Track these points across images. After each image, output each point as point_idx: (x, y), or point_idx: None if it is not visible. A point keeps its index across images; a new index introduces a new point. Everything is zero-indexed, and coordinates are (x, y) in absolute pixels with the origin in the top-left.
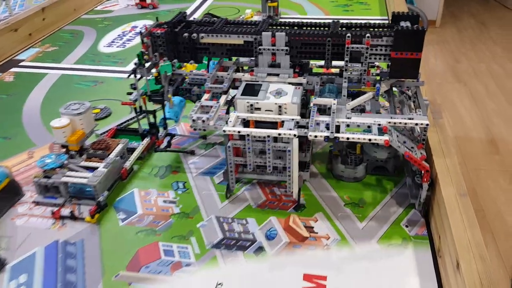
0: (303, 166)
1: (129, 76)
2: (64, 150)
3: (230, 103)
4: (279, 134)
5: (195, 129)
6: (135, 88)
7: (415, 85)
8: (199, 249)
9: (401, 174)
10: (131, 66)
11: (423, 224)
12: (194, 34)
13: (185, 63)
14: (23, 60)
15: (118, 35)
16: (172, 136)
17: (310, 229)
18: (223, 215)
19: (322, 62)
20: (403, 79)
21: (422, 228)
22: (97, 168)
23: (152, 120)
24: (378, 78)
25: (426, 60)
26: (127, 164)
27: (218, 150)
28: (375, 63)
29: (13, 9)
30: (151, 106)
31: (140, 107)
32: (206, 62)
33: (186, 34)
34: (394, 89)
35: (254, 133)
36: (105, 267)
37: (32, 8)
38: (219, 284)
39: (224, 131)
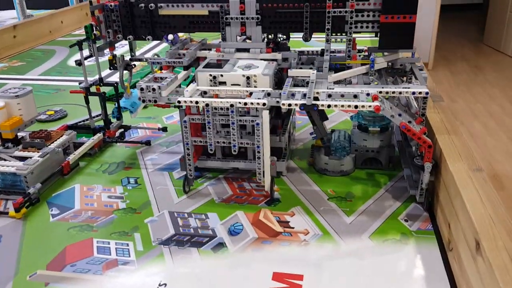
0: (278, 153)
1: (71, 46)
2: None
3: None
4: (245, 104)
5: (144, 101)
6: (79, 64)
7: (410, 62)
8: (143, 246)
9: (397, 168)
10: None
11: (426, 218)
12: (152, 4)
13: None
14: None
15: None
16: (126, 128)
17: (285, 224)
18: (179, 210)
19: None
20: (396, 57)
21: (426, 222)
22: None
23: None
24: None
25: None
26: (71, 157)
27: (182, 148)
28: (363, 47)
29: None
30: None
31: (88, 88)
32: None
33: (142, 5)
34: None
35: (214, 103)
36: (21, 266)
37: (3, 25)
38: (162, 284)
39: (178, 102)
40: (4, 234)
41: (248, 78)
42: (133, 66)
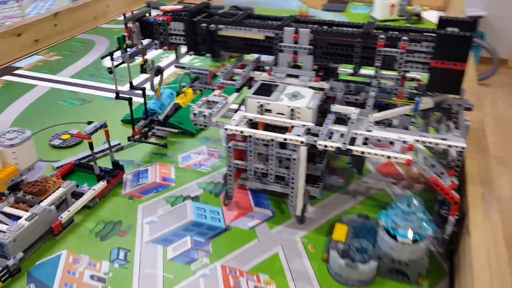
0: (313, 180)
1: (103, 58)
2: None
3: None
4: (285, 139)
5: (195, 125)
6: (110, 72)
7: (457, 103)
8: None
9: (425, 282)
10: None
11: None
12: (212, 25)
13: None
14: (19, 68)
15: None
16: (151, 125)
17: None
18: None
19: (350, 69)
20: (445, 97)
21: None
22: (21, 217)
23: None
24: (414, 91)
25: (494, 105)
26: (64, 216)
27: (188, 208)
28: (416, 76)
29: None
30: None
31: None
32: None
33: (204, 25)
34: None
35: (257, 135)
36: None
37: (43, 13)
38: None
39: (225, 129)
40: None
41: (292, 110)
42: (163, 70)
